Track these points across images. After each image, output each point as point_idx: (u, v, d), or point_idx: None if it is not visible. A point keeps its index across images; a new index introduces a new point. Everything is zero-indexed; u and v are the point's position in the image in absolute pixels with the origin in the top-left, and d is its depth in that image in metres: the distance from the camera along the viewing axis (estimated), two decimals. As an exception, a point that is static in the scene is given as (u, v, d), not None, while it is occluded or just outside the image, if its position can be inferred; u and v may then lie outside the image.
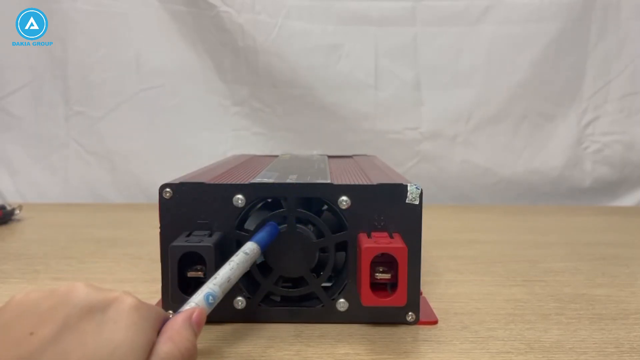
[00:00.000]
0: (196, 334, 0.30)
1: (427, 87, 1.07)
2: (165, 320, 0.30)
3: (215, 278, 0.35)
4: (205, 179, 0.45)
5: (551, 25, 1.04)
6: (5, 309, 0.26)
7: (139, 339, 0.26)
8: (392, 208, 0.43)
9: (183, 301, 0.38)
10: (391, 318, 0.44)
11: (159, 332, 0.29)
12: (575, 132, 1.08)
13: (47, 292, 0.27)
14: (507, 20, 1.04)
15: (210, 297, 0.33)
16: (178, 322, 0.30)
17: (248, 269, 0.38)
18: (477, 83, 1.06)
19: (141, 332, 0.27)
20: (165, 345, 0.28)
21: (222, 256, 0.41)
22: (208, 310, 0.33)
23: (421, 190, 0.43)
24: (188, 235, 0.41)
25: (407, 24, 1.04)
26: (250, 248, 0.39)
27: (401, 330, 0.43)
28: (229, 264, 0.37)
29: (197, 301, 0.32)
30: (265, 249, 0.41)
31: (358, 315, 0.44)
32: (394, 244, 0.39)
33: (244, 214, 0.43)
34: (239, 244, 0.43)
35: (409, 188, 0.43)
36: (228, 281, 0.35)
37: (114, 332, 0.26)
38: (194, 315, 0.31)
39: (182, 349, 0.28)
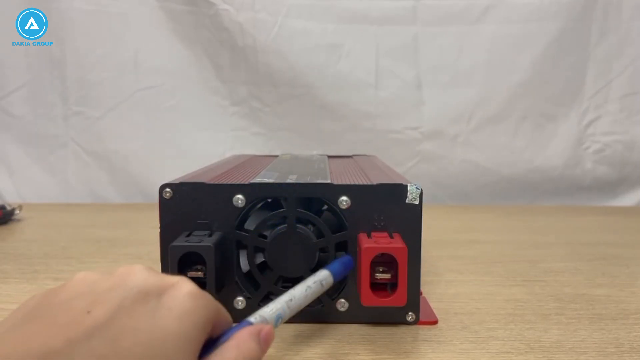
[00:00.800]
0: (263, 351, 0.29)
1: (427, 87, 1.07)
2: (220, 312, 0.29)
3: (291, 301, 0.34)
4: (205, 179, 0.44)
5: (552, 25, 1.04)
6: (66, 286, 0.26)
7: (192, 330, 0.25)
8: (392, 208, 0.43)
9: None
10: (391, 318, 0.44)
11: (213, 325, 0.28)
12: (576, 132, 1.08)
13: (106, 273, 0.27)
14: (507, 20, 1.04)
15: (280, 319, 0.32)
16: (246, 333, 0.29)
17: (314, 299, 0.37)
18: (478, 83, 1.06)
19: (195, 322, 0.26)
20: (231, 352, 0.27)
21: (222, 256, 0.41)
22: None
23: (421, 190, 0.43)
24: (188, 235, 0.41)
25: (408, 23, 1.04)
26: (326, 280, 0.37)
27: (401, 330, 0.43)
28: (306, 290, 0.35)
29: (268, 317, 0.31)
30: (336, 282, 0.39)
31: (358, 315, 0.44)
32: (394, 244, 0.39)
33: (244, 214, 0.43)
34: (239, 244, 0.43)
35: (408, 188, 0.43)
36: (298, 307, 0.34)
37: (167, 319, 0.25)
38: (264, 331, 0.30)
39: (247, 359, 0.27)
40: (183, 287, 0.27)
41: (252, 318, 0.31)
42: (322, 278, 0.37)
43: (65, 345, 0.22)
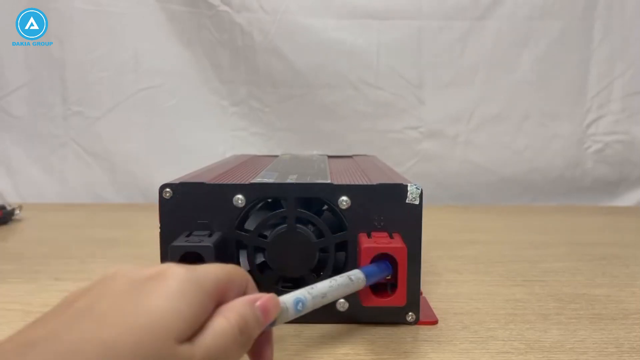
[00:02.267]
0: (259, 320, 0.28)
1: (429, 85, 1.06)
2: (231, 283, 0.29)
3: (312, 288, 0.33)
4: (205, 179, 0.44)
5: (555, 23, 1.03)
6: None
7: (185, 308, 0.25)
8: (392, 208, 0.43)
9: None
10: (391, 318, 0.44)
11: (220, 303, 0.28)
12: (578, 132, 1.08)
13: (101, 275, 0.27)
14: (512, 17, 1.03)
15: (300, 304, 0.32)
16: (239, 301, 0.28)
17: (345, 295, 0.37)
18: (480, 81, 1.06)
19: (188, 302, 0.25)
20: (218, 319, 0.27)
21: (222, 256, 0.41)
22: (293, 315, 0.31)
23: (421, 190, 0.43)
24: (188, 235, 0.41)
25: (412, 17, 1.04)
26: (356, 276, 0.37)
27: (401, 330, 0.43)
28: (330, 282, 0.35)
29: (285, 300, 0.31)
30: (369, 284, 0.38)
31: (358, 315, 0.44)
32: (394, 244, 0.39)
33: (244, 214, 0.43)
34: (239, 244, 0.43)
35: (409, 188, 0.43)
36: (323, 297, 0.34)
37: (157, 299, 0.25)
38: (262, 300, 0.29)
39: (236, 326, 0.27)
40: (173, 272, 0.27)
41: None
42: (351, 274, 0.37)
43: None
